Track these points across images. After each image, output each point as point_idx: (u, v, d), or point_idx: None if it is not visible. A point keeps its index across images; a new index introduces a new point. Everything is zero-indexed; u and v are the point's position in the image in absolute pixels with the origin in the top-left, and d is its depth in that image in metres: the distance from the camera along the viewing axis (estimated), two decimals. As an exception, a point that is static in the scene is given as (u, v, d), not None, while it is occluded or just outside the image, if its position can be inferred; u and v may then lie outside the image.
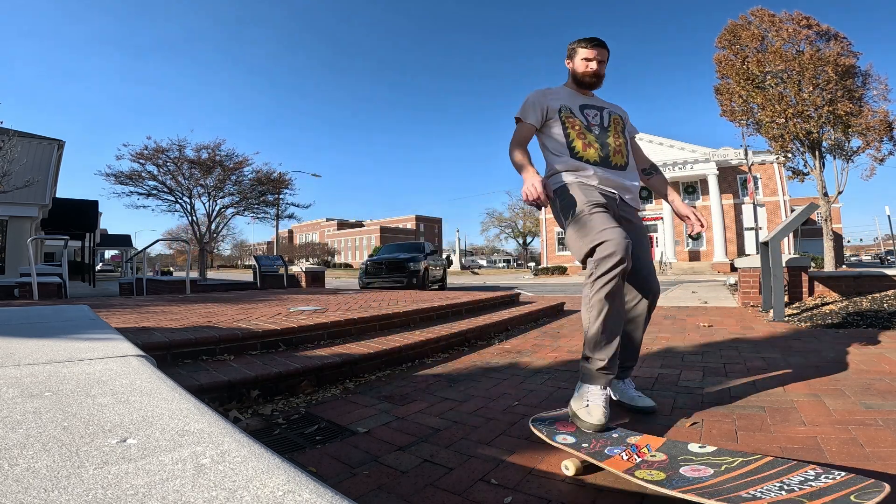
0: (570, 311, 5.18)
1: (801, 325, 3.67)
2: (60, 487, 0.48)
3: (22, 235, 12.86)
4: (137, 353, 1.19)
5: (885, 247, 49.93)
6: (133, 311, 3.60)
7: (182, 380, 1.83)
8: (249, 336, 2.45)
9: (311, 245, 70.02)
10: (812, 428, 1.50)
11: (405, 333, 3.06)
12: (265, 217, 22.80)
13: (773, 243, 4.14)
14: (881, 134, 12.03)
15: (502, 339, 3.47)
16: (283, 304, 4.28)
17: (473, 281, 22.04)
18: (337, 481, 1.24)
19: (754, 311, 4.73)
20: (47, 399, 0.79)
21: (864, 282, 4.87)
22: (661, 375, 2.27)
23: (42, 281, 6.17)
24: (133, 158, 18.51)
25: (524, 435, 1.56)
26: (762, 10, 12.92)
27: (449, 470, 1.30)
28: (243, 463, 0.53)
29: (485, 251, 69.73)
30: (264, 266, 9.38)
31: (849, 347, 2.73)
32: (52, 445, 0.59)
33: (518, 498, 1.13)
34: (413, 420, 1.74)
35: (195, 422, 0.68)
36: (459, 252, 42.48)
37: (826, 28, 12.34)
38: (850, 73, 11.93)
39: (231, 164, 19.95)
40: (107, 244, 35.83)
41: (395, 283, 10.09)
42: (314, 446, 1.49)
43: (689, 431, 1.53)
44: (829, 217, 13.05)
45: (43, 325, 1.80)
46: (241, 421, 1.73)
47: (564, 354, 2.87)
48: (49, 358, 1.13)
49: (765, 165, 25.51)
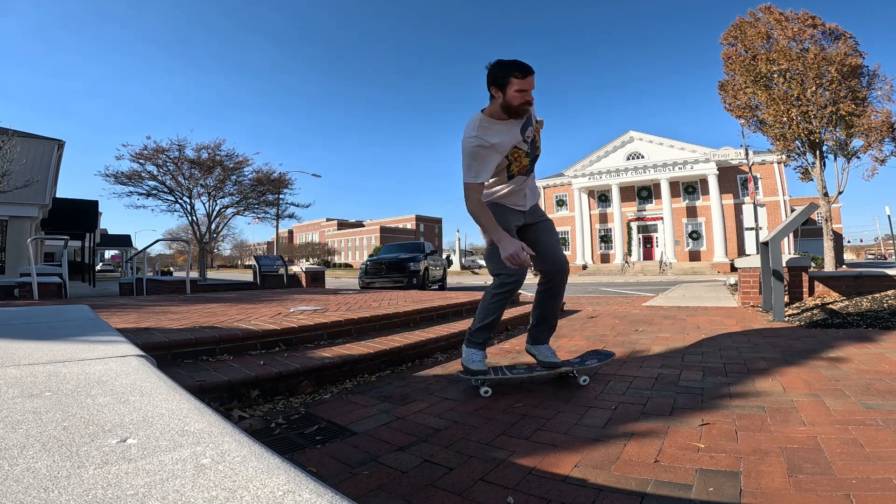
0: (570, 312, 5.18)
1: (801, 325, 3.67)
2: (60, 487, 0.48)
3: (22, 235, 12.86)
4: (137, 353, 1.19)
5: (885, 246, 49.95)
6: (133, 311, 3.60)
7: (182, 380, 1.83)
8: (249, 336, 2.45)
9: (311, 245, 70.01)
10: (812, 428, 1.50)
11: (405, 333, 3.06)
12: (265, 217, 22.81)
13: (774, 243, 4.14)
14: (883, 134, 12.03)
15: (502, 339, 3.47)
16: (283, 304, 4.28)
17: (474, 281, 22.04)
18: (337, 481, 1.24)
19: (754, 311, 4.73)
20: (47, 399, 0.79)
21: (864, 282, 4.87)
22: (661, 375, 2.27)
23: (42, 281, 6.17)
24: (133, 158, 18.51)
25: (524, 435, 1.56)
26: (772, 7, 12.91)
27: (449, 470, 1.30)
28: (243, 463, 0.53)
29: (485, 251, 69.63)
30: (264, 266, 9.38)
31: (849, 347, 2.73)
32: (52, 445, 0.59)
33: (518, 498, 1.13)
34: (413, 420, 1.74)
35: (195, 422, 0.68)
36: (459, 252, 42.44)
37: (832, 27, 12.33)
38: (855, 72, 11.93)
39: (231, 164, 19.94)
40: (107, 244, 35.83)
41: (395, 284, 10.08)
42: (314, 446, 1.49)
43: (689, 432, 1.53)
44: (829, 217, 13.05)
45: (43, 325, 1.79)
46: (244, 420, 1.73)
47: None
48: (49, 358, 1.13)
49: (765, 165, 25.51)
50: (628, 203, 30.29)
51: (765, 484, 1.15)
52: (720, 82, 14.05)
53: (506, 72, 1.82)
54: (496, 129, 1.90)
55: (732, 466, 1.26)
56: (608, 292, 10.85)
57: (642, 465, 1.30)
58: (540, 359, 2.24)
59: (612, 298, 7.53)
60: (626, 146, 29.56)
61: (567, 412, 1.78)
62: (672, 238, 26.72)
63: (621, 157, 29.59)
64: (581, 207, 30.97)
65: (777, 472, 1.21)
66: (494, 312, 2.14)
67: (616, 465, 1.30)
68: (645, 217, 30.10)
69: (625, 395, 1.97)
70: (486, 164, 1.89)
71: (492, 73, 1.86)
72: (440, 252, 17.30)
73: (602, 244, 31.63)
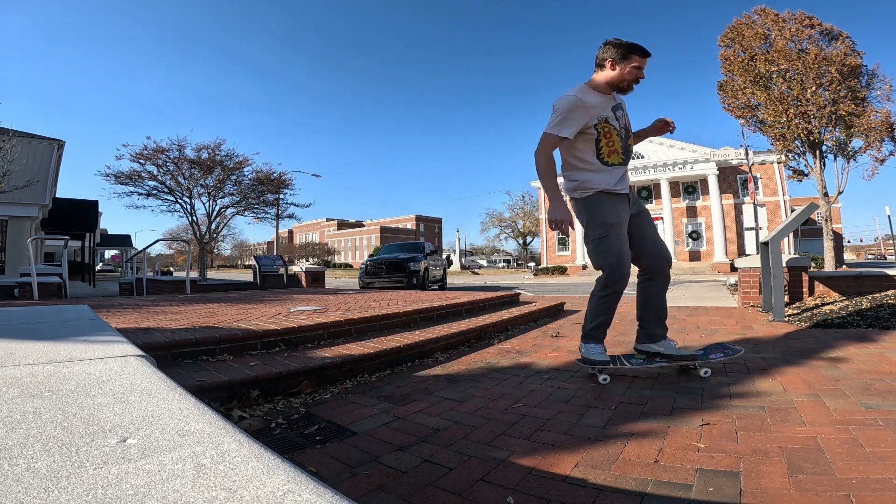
0: (570, 312, 5.17)
1: (801, 326, 3.67)
2: (60, 487, 0.48)
3: (22, 235, 12.86)
4: (137, 353, 1.19)
5: (885, 246, 49.98)
6: (133, 311, 3.60)
7: (182, 380, 1.83)
8: (249, 336, 2.45)
9: (311, 245, 70.01)
10: (812, 428, 1.50)
11: (405, 333, 3.06)
12: (265, 217, 22.80)
13: (774, 243, 4.14)
14: (882, 134, 12.03)
15: (502, 339, 3.47)
16: (283, 304, 4.28)
17: (473, 281, 22.04)
18: (337, 481, 1.24)
19: (754, 311, 4.73)
20: (47, 399, 0.79)
21: (864, 282, 4.87)
22: (661, 375, 2.27)
23: (42, 281, 6.17)
24: (133, 158, 18.51)
25: (524, 435, 1.56)
26: (767, 10, 12.92)
27: (449, 470, 1.30)
28: (243, 463, 0.53)
29: (485, 251, 69.69)
30: (264, 266, 9.38)
31: (849, 347, 2.73)
32: (52, 445, 0.59)
33: (518, 498, 1.13)
34: (413, 420, 1.74)
35: (195, 422, 0.68)
36: (459, 252, 42.47)
37: (829, 27, 12.34)
38: (855, 72, 11.93)
39: (231, 164, 19.94)
40: (107, 244, 35.84)
41: (395, 284, 10.08)
42: (314, 446, 1.49)
43: (689, 432, 1.53)
44: (829, 217, 13.05)
45: (43, 325, 1.79)
46: (244, 420, 1.73)
47: (564, 355, 2.87)
48: (49, 358, 1.13)
49: (765, 165, 25.50)
50: (628, 203, 30.26)
51: (765, 484, 1.15)
52: (719, 82, 14.05)
53: (630, 49, 2.05)
54: (593, 95, 2.10)
55: (732, 466, 1.26)
56: (608, 292, 10.85)
57: (642, 465, 1.30)
58: (667, 352, 2.25)
59: (612, 298, 7.52)
60: (626, 146, 29.52)
61: (567, 412, 1.78)
62: (672, 238, 26.71)
63: (621, 157, 29.55)
64: (581, 207, 30.93)
65: (777, 472, 1.21)
66: (603, 314, 2.23)
67: (616, 465, 1.30)
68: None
69: (625, 395, 1.97)
70: (572, 121, 2.04)
71: (615, 46, 2.07)
72: (440, 252, 17.29)
73: (602, 244, 31.60)
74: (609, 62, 2.07)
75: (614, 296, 2.21)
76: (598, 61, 2.12)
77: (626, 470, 1.27)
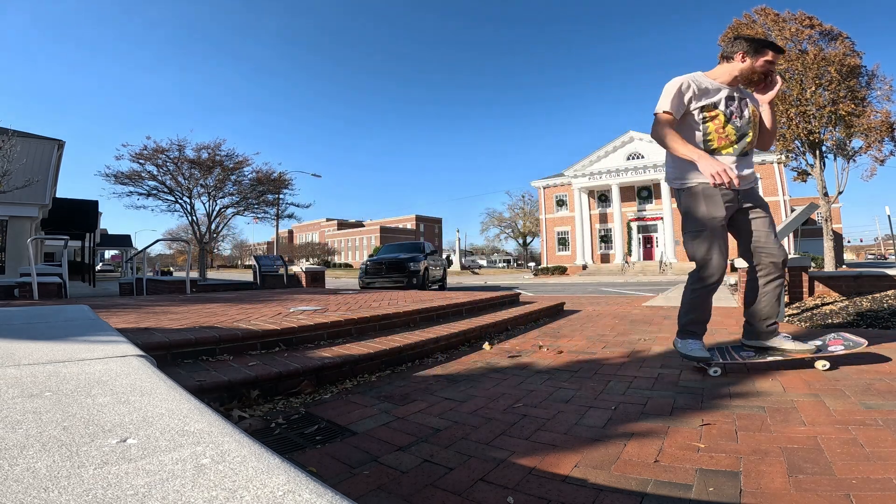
0: (570, 312, 5.18)
1: (801, 326, 3.67)
2: (60, 487, 0.48)
3: (22, 235, 12.86)
4: (137, 353, 1.19)
5: (885, 246, 49.97)
6: (133, 311, 3.60)
7: (182, 380, 1.83)
8: (249, 336, 2.45)
9: (311, 245, 70.03)
10: (812, 428, 1.50)
11: (405, 333, 3.06)
12: (265, 217, 22.81)
13: (774, 243, 4.13)
14: (882, 134, 12.03)
15: (502, 339, 3.47)
16: (283, 304, 4.28)
17: (473, 281, 22.05)
18: (337, 481, 1.24)
19: (754, 311, 4.72)
20: (47, 399, 0.79)
21: (864, 282, 4.87)
22: (661, 375, 2.27)
23: (42, 281, 6.17)
24: (133, 158, 18.50)
25: (524, 435, 1.56)
26: (767, 10, 12.92)
27: (449, 470, 1.30)
28: (243, 463, 0.53)
29: (485, 251, 69.71)
30: (264, 266, 9.38)
31: (849, 347, 2.73)
32: (52, 445, 0.59)
33: (518, 498, 1.13)
34: (413, 420, 1.74)
35: (195, 422, 0.68)
36: (459, 252, 42.48)
37: (829, 28, 12.34)
38: (854, 73, 11.93)
39: (231, 164, 19.93)
40: (107, 244, 35.85)
41: (396, 284, 10.08)
42: (314, 446, 1.49)
43: (689, 432, 1.53)
44: (829, 217, 13.05)
45: (43, 325, 1.79)
46: (244, 420, 1.73)
47: (564, 355, 2.87)
48: (49, 358, 1.13)
49: (765, 165, 25.49)
50: (628, 203, 30.30)
51: (765, 484, 1.15)
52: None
53: (765, 45, 2.13)
54: (705, 80, 2.16)
55: (732, 466, 1.26)
56: (608, 292, 10.86)
57: (642, 465, 1.30)
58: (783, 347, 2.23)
59: (611, 298, 7.53)
60: (626, 146, 29.58)
61: (567, 412, 1.78)
62: (672, 238, 26.72)
63: (621, 157, 29.60)
64: (581, 207, 30.98)
65: (777, 472, 1.21)
66: (698, 308, 2.26)
67: (616, 465, 1.30)
68: (645, 217, 30.10)
69: (625, 395, 1.97)
70: (677, 99, 2.10)
71: (748, 41, 2.14)
72: (440, 252, 17.30)
73: (602, 244, 31.64)
74: (740, 55, 2.13)
75: (707, 290, 2.23)
76: (727, 54, 2.18)
77: (626, 470, 1.27)
